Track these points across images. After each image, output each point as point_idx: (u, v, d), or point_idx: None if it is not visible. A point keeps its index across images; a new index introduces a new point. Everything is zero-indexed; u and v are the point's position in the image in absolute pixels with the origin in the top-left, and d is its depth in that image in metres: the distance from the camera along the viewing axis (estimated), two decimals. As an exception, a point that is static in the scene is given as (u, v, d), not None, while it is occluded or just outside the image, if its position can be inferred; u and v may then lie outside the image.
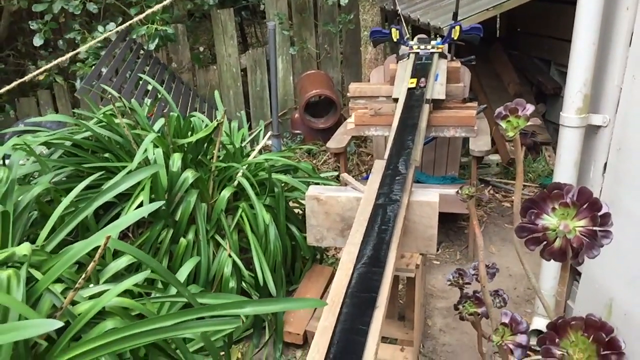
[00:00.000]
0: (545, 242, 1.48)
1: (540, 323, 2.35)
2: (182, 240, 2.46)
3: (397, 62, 3.46)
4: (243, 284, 2.61)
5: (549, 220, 1.46)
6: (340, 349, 1.55)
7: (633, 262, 1.87)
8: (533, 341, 2.15)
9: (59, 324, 1.08)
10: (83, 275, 1.43)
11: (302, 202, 3.19)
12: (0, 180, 1.71)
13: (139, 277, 1.50)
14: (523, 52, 5.00)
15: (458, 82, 3.44)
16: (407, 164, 2.50)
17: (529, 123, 1.87)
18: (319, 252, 3.22)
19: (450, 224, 3.62)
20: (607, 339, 1.37)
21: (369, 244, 2.00)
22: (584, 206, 1.43)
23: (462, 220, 3.67)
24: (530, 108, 1.83)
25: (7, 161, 2.03)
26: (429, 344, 2.62)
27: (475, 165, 3.18)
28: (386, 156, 2.59)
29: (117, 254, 1.88)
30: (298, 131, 4.88)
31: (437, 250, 3.43)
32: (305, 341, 2.63)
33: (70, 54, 3.16)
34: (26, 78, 2.97)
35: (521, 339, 1.75)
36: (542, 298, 1.93)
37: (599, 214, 1.42)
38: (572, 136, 2.02)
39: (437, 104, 3.21)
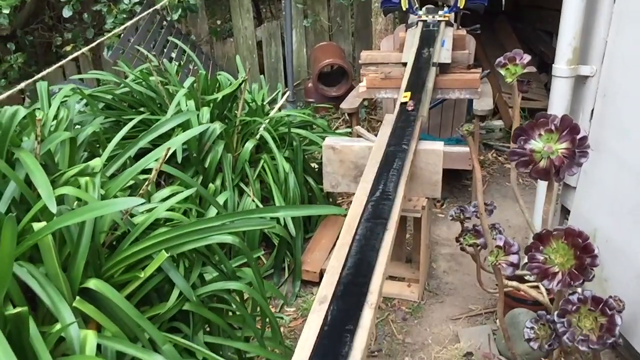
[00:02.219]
0: (532, 164, 1.73)
1: (533, 256, 2.61)
2: (211, 186, 2.71)
3: (406, 30, 3.69)
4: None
5: (536, 144, 1.72)
6: (355, 260, 1.80)
7: (614, 195, 2.11)
8: (532, 291, 2.42)
9: (140, 200, 1.36)
10: (147, 182, 1.71)
11: (318, 157, 3.45)
12: (62, 118, 1.97)
13: (185, 194, 1.76)
14: (527, 24, 5.21)
15: (464, 50, 3.68)
16: (415, 118, 2.74)
17: (525, 71, 2.13)
18: (333, 203, 3.49)
19: (455, 182, 3.87)
20: (583, 245, 1.63)
21: (380, 182, 2.25)
22: (565, 131, 1.68)
23: (466, 179, 3.91)
24: (527, 58, 2.08)
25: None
26: (433, 283, 2.89)
27: (478, 124, 3.42)
28: (396, 111, 2.84)
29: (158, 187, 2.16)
30: (311, 99, 5.12)
31: (442, 205, 3.68)
32: (321, 279, 2.90)
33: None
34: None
35: (513, 258, 2.00)
36: (531, 225, 2.20)
37: (578, 137, 1.66)
38: (563, 86, 2.26)
39: (443, 69, 3.45)
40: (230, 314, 1.93)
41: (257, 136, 2.95)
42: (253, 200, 2.82)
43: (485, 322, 2.53)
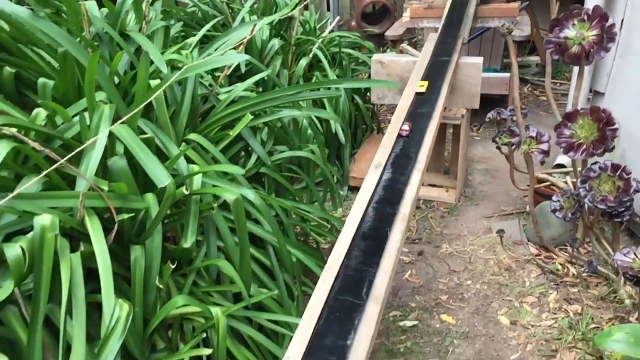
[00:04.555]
0: (566, 50, 1.97)
1: (563, 159, 2.86)
2: (270, 96, 3.02)
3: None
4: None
5: (569, 32, 1.96)
6: (405, 139, 2.08)
7: (639, 94, 2.34)
8: (559, 182, 2.67)
9: (244, 56, 1.68)
10: (222, 75, 2.01)
11: (364, 77, 3.71)
12: (151, 18, 2.28)
13: (256, 77, 2.05)
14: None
15: (504, -19, 3.86)
16: (456, 37, 2.97)
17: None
18: (376, 125, 3.77)
19: (490, 109, 4.08)
20: (606, 119, 1.88)
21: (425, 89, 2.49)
22: (596, 20, 1.91)
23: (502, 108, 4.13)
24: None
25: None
26: (468, 190, 3.16)
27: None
28: (439, 31, 3.08)
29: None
30: (354, 38, 5.35)
31: (479, 129, 3.93)
32: (367, 186, 3.20)
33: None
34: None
35: (544, 146, 2.26)
36: (554, 108, 2.42)
37: (607, 24, 1.89)
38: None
39: (484, 1, 3.64)
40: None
41: (310, 55, 3.22)
42: (306, 111, 3.10)
43: (516, 219, 2.80)
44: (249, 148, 1.99)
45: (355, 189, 3.22)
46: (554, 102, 2.37)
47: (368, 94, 3.60)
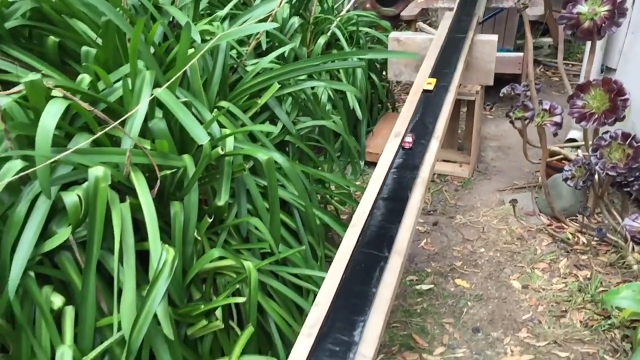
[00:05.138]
0: (578, 25, 2.05)
1: (574, 134, 2.95)
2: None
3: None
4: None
5: (582, 8, 2.03)
6: (423, 109, 2.17)
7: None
8: (571, 155, 2.76)
9: (272, 25, 1.78)
10: (249, 47, 2.11)
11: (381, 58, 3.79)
12: (179, -7, 2.38)
13: (280, 51, 2.15)
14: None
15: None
16: (471, 15, 3.05)
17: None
18: (391, 103, 3.86)
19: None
20: (617, 89, 1.96)
21: (443, 60, 2.58)
22: (608, -5, 1.98)
23: (515, 89, 4.20)
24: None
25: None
26: (481, 166, 3.25)
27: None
28: (454, 10, 3.16)
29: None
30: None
31: (491, 108, 4.01)
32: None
33: None
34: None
35: (556, 118, 2.34)
36: (566, 83, 2.51)
37: (618, 0, 1.97)
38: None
39: (498, -19, 3.70)
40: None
41: (329, 33, 3.31)
42: (325, 88, 3.20)
43: (528, 192, 2.89)
44: (275, 118, 2.09)
45: (372, 164, 3.32)
46: (566, 77, 2.46)
47: (384, 72, 3.69)
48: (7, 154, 1.30)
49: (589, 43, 2.69)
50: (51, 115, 1.29)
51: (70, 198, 1.29)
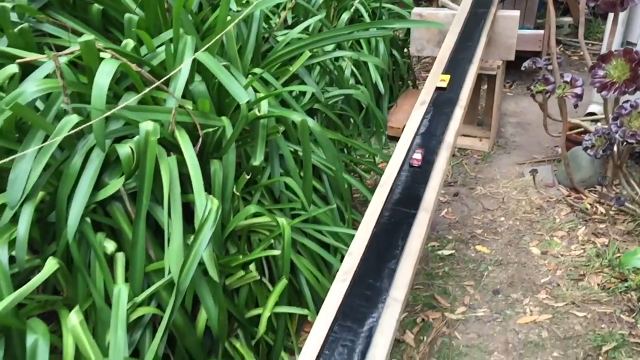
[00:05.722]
0: (601, -3, 2.10)
1: (594, 108, 2.99)
2: (313, 48, 3.18)
3: None
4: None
5: (605, -22, 2.07)
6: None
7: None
8: (591, 127, 2.80)
9: None
10: (280, 20, 2.19)
11: (401, 34, 3.85)
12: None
13: (310, 21, 2.22)
14: None
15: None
16: (495, -10, 3.08)
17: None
18: (411, 80, 3.92)
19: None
20: (638, 59, 2.01)
21: (465, 33, 2.64)
22: (631, -35, 2.02)
23: (534, 67, 4.24)
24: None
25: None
26: (501, 141, 3.31)
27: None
28: (477, -14, 3.20)
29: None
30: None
31: (511, 86, 4.05)
32: (403, 135, 3.38)
33: None
34: None
35: (577, 90, 2.40)
36: (586, 56, 2.56)
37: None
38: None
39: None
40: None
41: (352, 9, 3.37)
42: (348, 65, 3.27)
43: (547, 165, 2.95)
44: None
45: (393, 139, 3.39)
46: (586, 50, 2.50)
47: (405, 49, 3.75)
48: (66, 106, 1.40)
49: (609, 21, 2.74)
50: (105, 74, 1.39)
51: (124, 150, 1.38)
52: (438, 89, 2.13)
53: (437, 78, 2.28)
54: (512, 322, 2.00)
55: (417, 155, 1.73)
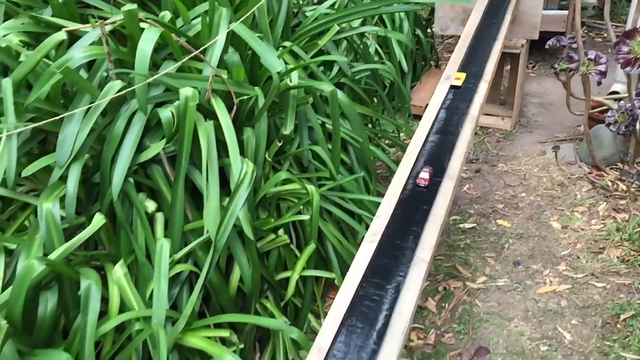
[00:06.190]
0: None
1: (617, 87, 3.01)
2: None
3: None
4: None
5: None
6: (469, 52, 2.27)
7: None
8: (614, 106, 2.83)
9: None
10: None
11: (425, 14, 3.88)
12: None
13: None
14: None
15: None
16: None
17: None
18: (434, 61, 3.95)
19: (546, 48, 4.21)
20: (664, 35, 2.02)
21: (489, 16, 2.66)
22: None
23: (558, 48, 4.24)
24: None
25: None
26: (523, 120, 3.34)
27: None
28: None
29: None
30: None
31: (534, 67, 4.06)
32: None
33: None
34: None
35: (601, 67, 2.42)
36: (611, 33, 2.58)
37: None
38: None
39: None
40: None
41: (376, -11, 3.40)
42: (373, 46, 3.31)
43: (569, 143, 2.98)
44: (331, 61, 2.23)
45: (416, 117, 3.43)
46: (611, 27, 2.52)
47: (429, 29, 3.77)
48: (110, 72, 1.47)
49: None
50: (148, 40, 1.46)
51: (165, 113, 1.46)
52: (453, 87, 2.08)
53: (462, 52, 2.32)
54: (532, 291, 2.05)
55: (425, 175, 1.59)
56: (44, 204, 1.34)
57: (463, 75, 2.10)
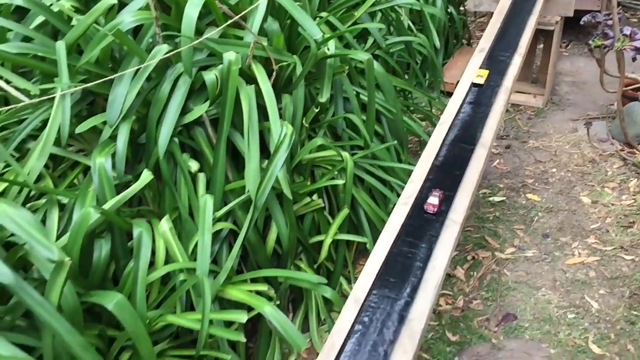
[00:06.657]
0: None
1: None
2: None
3: None
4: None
5: None
6: (503, 28, 2.28)
7: None
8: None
9: None
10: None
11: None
12: None
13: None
14: None
15: None
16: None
17: None
18: (466, 39, 3.94)
19: (580, 27, 4.16)
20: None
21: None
22: None
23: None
24: None
25: None
26: (555, 98, 3.33)
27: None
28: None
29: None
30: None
31: (567, 46, 4.02)
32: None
33: None
34: None
35: (637, 43, 2.41)
36: None
37: None
38: None
39: None
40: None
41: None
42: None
43: (601, 121, 2.97)
44: (366, 34, 2.27)
45: (448, 94, 3.44)
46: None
47: (462, 6, 3.76)
48: (158, 37, 1.54)
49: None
50: (194, 5, 1.52)
51: (210, 76, 1.52)
52: (474, 84, 1.96)
53: (496, 28, 2.34)
54: (560, 262, 2.08)
55: (434, 200, 1.45)
56: (97, 159, 1.42)
57: (486, 72, 1.98)
